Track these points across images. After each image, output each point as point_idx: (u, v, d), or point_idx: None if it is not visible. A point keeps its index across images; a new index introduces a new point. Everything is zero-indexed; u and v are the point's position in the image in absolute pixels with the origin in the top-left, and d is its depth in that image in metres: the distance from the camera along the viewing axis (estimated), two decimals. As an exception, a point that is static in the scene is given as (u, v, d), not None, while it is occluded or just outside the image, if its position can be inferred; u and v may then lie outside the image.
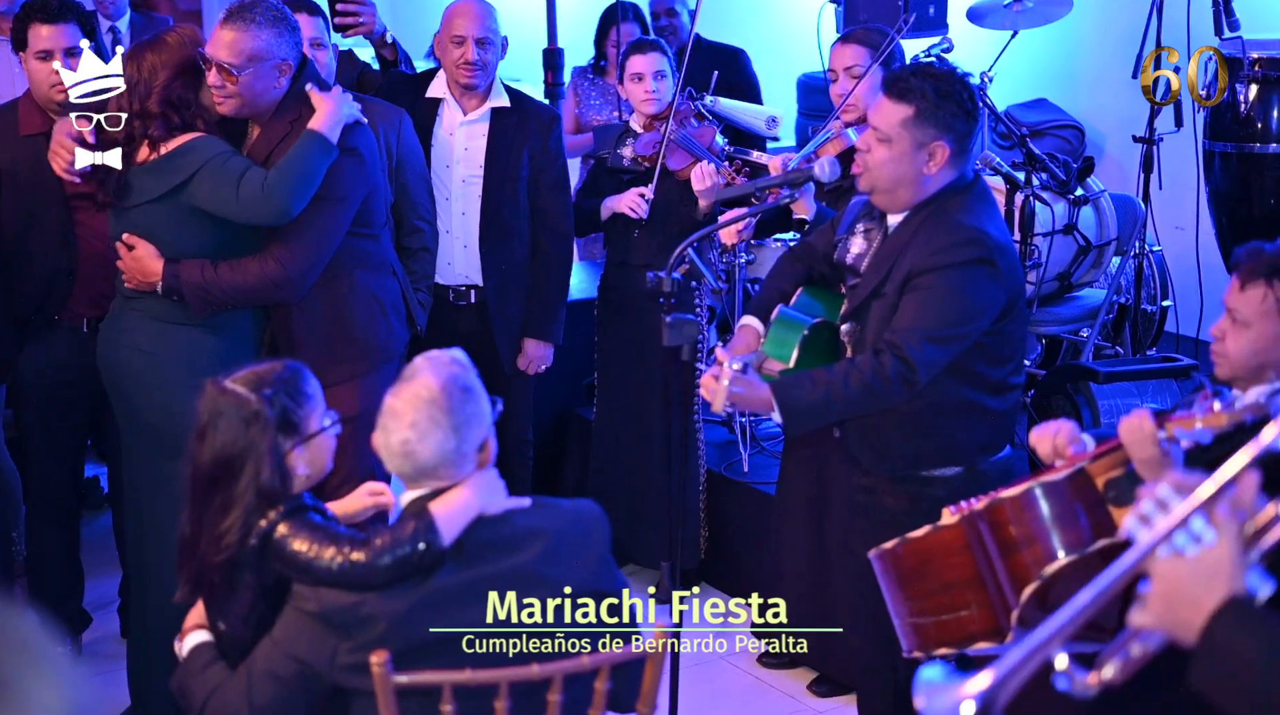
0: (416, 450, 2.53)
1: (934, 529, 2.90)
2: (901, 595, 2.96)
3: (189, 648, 2.72)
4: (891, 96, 3.25)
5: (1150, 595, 1.82)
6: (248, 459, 2.63)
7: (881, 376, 3.14)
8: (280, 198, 3.68)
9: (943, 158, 3.23)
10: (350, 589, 2.51)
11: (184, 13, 8.96)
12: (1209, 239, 4.94)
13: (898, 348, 3.15)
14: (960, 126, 3.24)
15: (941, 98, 3.21)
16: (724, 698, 4.41)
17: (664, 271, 3.36)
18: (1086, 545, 2.72)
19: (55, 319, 4.30)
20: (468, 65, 4.54)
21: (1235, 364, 2.78)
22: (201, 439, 2.67)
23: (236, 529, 2.61)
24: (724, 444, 5.28)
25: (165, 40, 3.80)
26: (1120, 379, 4.46)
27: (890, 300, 3.25)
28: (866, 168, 3.29)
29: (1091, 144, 6.65)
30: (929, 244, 3.21)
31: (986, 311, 3.22)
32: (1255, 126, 4.66)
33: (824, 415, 3.28)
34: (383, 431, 2.57)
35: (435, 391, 2.53)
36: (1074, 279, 5.14)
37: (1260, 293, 2.72)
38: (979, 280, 3.20)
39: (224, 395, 2.68)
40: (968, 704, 1.79)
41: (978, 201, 3.30)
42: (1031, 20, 5.56)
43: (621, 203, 4.80)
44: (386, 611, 2.49)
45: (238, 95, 3.76)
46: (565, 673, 2.52)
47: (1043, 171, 4.90)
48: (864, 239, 3.40)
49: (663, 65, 4.90)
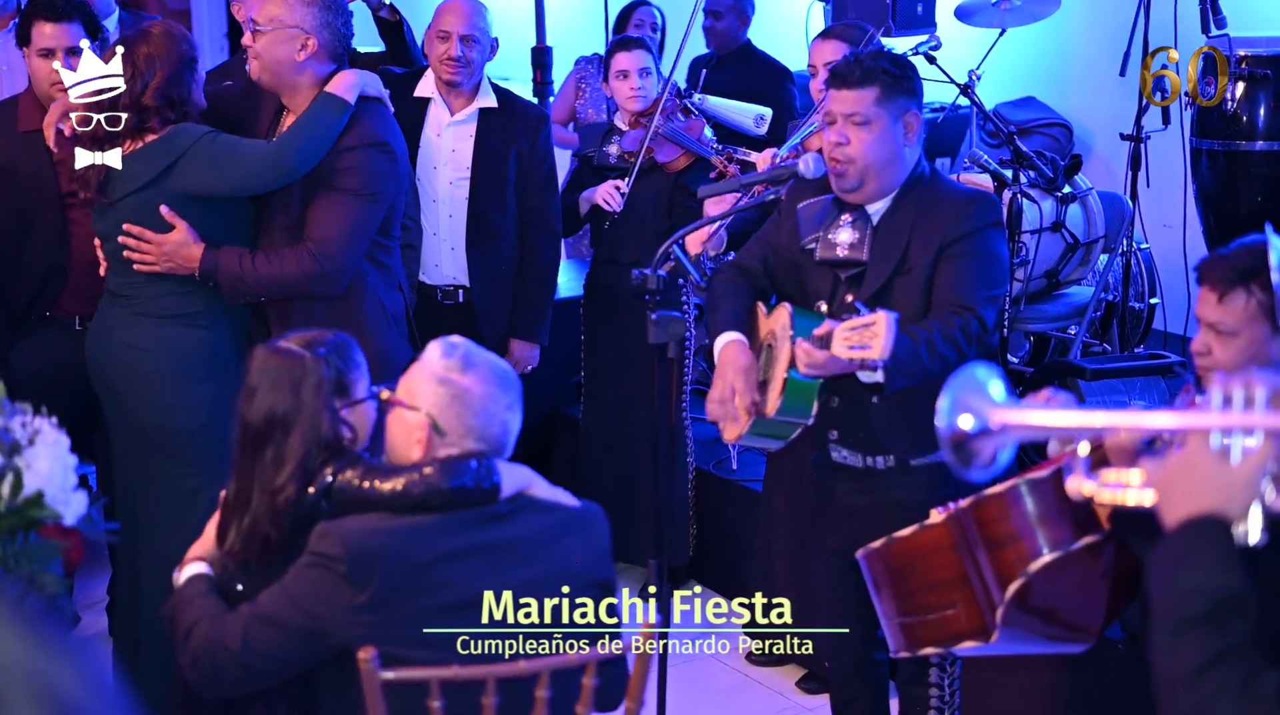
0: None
1: (921, 528, 2.91)
2: (889, 595, 2.97)
3: (186, 576, 2.71)
4: (851, 85, 3.26)
5: (1170, 461, 1.84)
6: (302, 413, 2.65)
7: (967, 334, 3.15)
8: (289, 156, 3.69)
9: (916, 125, 3.30)
10: (409, 509, 2.53)
11: (172, 12, 8.96)
12: (1196, 237, 4.95)
13: (970, 308, 3.18)
14: (919, 92, 3.34)
15: (897, 67, 3.29)
16: (712, 695, 4.41)
17: (649, 268, 3.36)
18: (1071, 542, 2.73)
19: (47, 316, 4.30)
20: (451, 61, 4.52)
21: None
22: (251, 397, 2.69)
23: (294, 481, 2.62)
24: (712, 442, 5.28)
25: (152, 33, 3.80)
26: (1108, 376, 4.46)
27: (923, 272, 3.25)
28: (850, 159, 3.27)
29: (1079, 142, 6.66)
30: (951, 211, 3.26)
31: (1008, 271, 3.31)
32: (1242, 124, 4.66)
33: (918, 370, 3.11)
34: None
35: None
36: (1062, 276, 5.15)
37: (1242, 300, 2.68)
38: (1002, 241, 3.36)
39: (275, 355, 2.70)
40: (967, 419, 1.90)
41: (946, 177, 3.44)
42: (1019, 18, 5.58)
43: (597, 195, 4.81)
44: (402, 548, 2.50)
45: (258, 56, 3.78)
46: (553, 668, 2.53)
47: (1030, 169, 4.90)
48: (853, 229, 3.36)
49: (647, 63, 4.91)
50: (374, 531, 2.52)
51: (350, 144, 3.77)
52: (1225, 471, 1.78)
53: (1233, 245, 2.77)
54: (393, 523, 2.53)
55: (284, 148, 3.71)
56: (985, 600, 2.77)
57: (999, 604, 2.73)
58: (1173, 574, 1.76)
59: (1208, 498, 1.78)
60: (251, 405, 2.69)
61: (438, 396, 2.61)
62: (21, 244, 4.22)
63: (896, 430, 3.37)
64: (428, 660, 2.50)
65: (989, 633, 2.75)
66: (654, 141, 4.77)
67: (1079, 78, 6.78)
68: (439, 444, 2.60)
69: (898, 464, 3.38)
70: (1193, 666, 1.71)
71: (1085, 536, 2.74)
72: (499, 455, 2.64)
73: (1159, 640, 1.75)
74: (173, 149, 3.70)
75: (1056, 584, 2.76)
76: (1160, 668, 1.75)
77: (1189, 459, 1.81)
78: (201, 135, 3.72)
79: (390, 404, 2.67)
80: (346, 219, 3.75)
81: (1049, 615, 2.84)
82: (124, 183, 3.74)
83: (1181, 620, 1.73)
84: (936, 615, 2.83)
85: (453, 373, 2.62)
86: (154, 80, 3.71)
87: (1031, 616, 2.79)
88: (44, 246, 4.22)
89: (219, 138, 3.73)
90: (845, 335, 3.01)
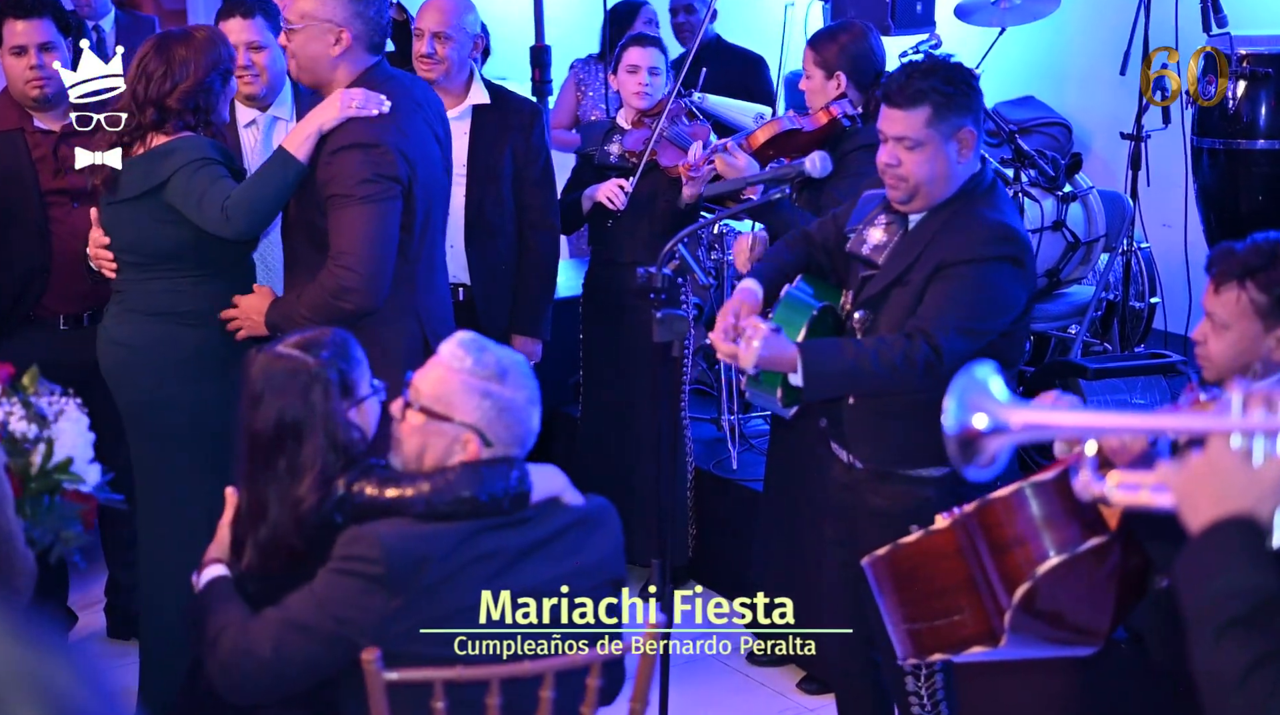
0: None
1: (926, 533, 2.89)
2: (895, 601, 2.95)
3: (207, 579, 2.66)
4: (901, 106, 3.20)
5: (1191, 463, 1.81)
6: (315, 421, 2.60)
7: (909, 359, 3.12)
8: (240, 218, 3.59)
9: (971, 141, 3.21)
10: (437, 519, 2.50)
11: (169, 12, 8.92)
12: (1197, 236, 4.94)
13: (929, 334, 3.13)
14: (975, 106, 3.24)
15: (950, 84, 3.19)
16: (713, 695, 4.40)
17: (654, 267, 3.36)
18: (1077, 545, 2.72)
19: (30, 316, 4.27)
20: (424, 59, 4.50)
21: (1220, 366, 2.79)
22: (256, 405, 2.63)
23: (315, 491, 2.58)
24: (712, 441, 5.27)
25: (195, 36, 3.74)
26: (1109, 376, 4.45)
27: (915, 288, 3.23)
28: (903, 179, 3.25)
29: (1079, 141, 6.65)
30: (963, 236, 3.20)
31: (1011, 309, 3.22)
32: (1243, 123, 4.65)
33: (845, 385, 3.25)
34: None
35: None
36: (1062, 275, 5.14)
37: (1234, 294, 2.75)
38: (1009, 278, 3.20)
39: (278, 360, 2.64)
40: (981, 418, 1.91)
41: (1003, 200, 3.30)
42: (1019, 17, 5.56)
43: (600, 192, 4.79)
44: (437, 552, 2.47)
45: (294, 55, 3.73)
46: (557, 669, 2.51)
47: (1031, 168, 4.90)
48: (884, 232, 3.38)
49: (659, 62, 4.89)
50: (409, 536, 2.48)
51: (331, 148, 3.63)
52: (1251, 473, 1.77)
53: (1248, 239, 2.79)
54: (426, 527, 2.50)
55: (236, 208, 3.58)
56: (992, 605, 2.76)
57: (1006, 608, 2.72)
58: (1207, 577, 1.75)
59: (1235, 500, 1.76)
60: (258, 414, 2.63)
61: (483, 410, 2.57)
62: (3, 244, 4.20)
63: (862, 435, 3.40)
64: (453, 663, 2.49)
65: (997, 638, 2.74)
66: (658, 144, 4.76)
67: (1079, 77, 6.77)
68: (485, 453, 2.58)
69: (870, 470, 3.39)
70: (1240, 669, 1.70)
71: (1092, 538, 2.73)
72: (525, 451, 2.64)
73: (1201, 645, 1.74)
74: (166, 168, 3.63)
75: (1064, 587, 2.75)
76: (1206, 671, 1.74)
77: (1212, 461, 1.79)
78: (189, 161, 3.61)
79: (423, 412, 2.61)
80: (354, 226, 3.59)
81: (1056, 619, 2.83)
82: (124, 188, 3.70)
83: (1224, 623, 1.72)
84: (944, 621, 2.82)
85: (492, 383, 2.58)
86: (184, 83, 3.66)
87: (1039, 620, 2.78)
88: (25, 246, 4.20)
89: (200, 171, 3.60)
90: (722, 345, 3.15)
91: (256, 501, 2.63)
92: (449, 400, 2.58)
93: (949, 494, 3.14)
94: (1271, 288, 2.72)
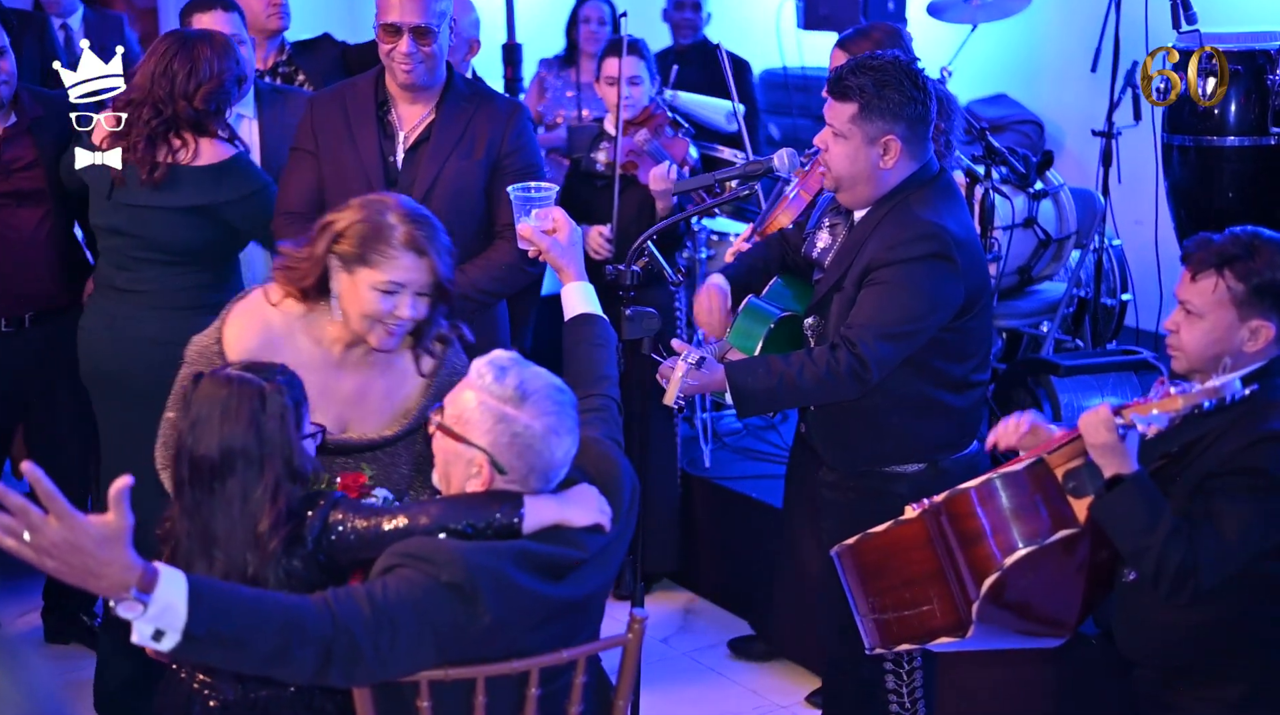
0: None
1: (895, 524, 2.89)
2: (863, 591, 2.95)
3: (183, 595, 2.45)
4: (835, 96, 3.21)
5: None
6: (271, 447, 2.49)
7: (834, 371, 3.13)
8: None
9: (896, 150, 3.18)
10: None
11: (139, 10, 8.86)
12: (1168, 233, 4.95)
13: (852, 344, 3.13)
14: (910, 113, 3.17)
15: (881, 88, 3.14)
16: (692, 693, 4.39)
17: (624, 264, 3.35)
18: (1046, 536, 2.72)
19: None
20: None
21: (1191, 356, 2.80)
22: (202, 429, 2.50)
23: (281, 525, 2.47)
24: (685, 440, 5.26)
25: (215, 38, 3.75)
26: (1081, 372, 4.46)
27: (849, 294, 3.23)
28: (827, 166, 3.27)
29: (1051, 138, 6.67)
30: (886, 238, 3.18)
31: (942, 308, 3.19)
32: (1214, 119, 4.66)
33: (773, 402, 3.33)
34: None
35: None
36: (1034, 272, 5.15)
37: (1211, 283, 2.76)
38: (935, 276, 3.16)
39: (228, 384, 2.51)
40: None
41: (939, 196, 3.25)
42: (991, 14, 5.58)
43: (589, 246, 4.69)
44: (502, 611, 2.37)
45: (431, 58, 3.67)
46: (542, 667, 2.48)
47: (1002, 165, 4.90)
48: (829, 234, 3.40)
49: (639, 70, 4.82)
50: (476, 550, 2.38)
51: None
52: None
53: (1226, 231, 2.80)
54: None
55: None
56: (961, 595, 2.75)
57: (974, 599, 2.72)
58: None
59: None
60: (203, 437, 2.50)
61: (495, 434, 2.44)
62: None
63: (825, 439, 3.42)
64: None
65: (965, 628, 2.74)
66: (639, 158, 4.73)
67: (1050, 74, 6.78)
68: (500, 481, 2.47)
69: (843, 471, 3.40)
70: None
71: (1061, 530, 2.73)
72: (551, 485, 2.50)
73: None
74: (234, 188, 3.73)
75: (1032, 578, 2.75)
76: None
77: None
78: (265, 185, 3.77)
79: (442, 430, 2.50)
80: None
81: (1024, 610, 2.83)
82: (176, 194, 3.71)
83: None
84: (912, 611, 2.82)
85: (508, 406, 2.44)
86: (208, 83, 3.67)
87: (1007, 611, 2.78)
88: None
89: (271, 191, 3.77)
90: (660, 371, 3.20)
91: (200, 530, 2.52)
92: (465, 420, 2.47)
93: (923, 492, 3.14)
94: (1249, 277, 2.73)
